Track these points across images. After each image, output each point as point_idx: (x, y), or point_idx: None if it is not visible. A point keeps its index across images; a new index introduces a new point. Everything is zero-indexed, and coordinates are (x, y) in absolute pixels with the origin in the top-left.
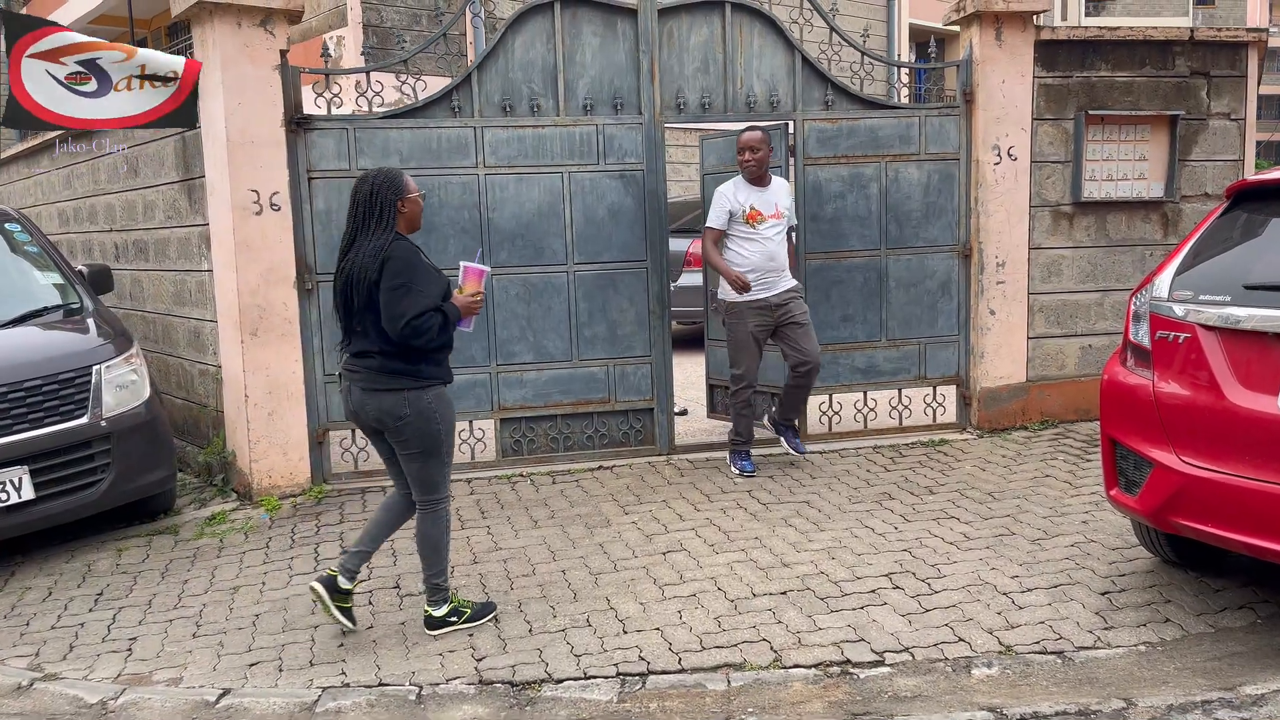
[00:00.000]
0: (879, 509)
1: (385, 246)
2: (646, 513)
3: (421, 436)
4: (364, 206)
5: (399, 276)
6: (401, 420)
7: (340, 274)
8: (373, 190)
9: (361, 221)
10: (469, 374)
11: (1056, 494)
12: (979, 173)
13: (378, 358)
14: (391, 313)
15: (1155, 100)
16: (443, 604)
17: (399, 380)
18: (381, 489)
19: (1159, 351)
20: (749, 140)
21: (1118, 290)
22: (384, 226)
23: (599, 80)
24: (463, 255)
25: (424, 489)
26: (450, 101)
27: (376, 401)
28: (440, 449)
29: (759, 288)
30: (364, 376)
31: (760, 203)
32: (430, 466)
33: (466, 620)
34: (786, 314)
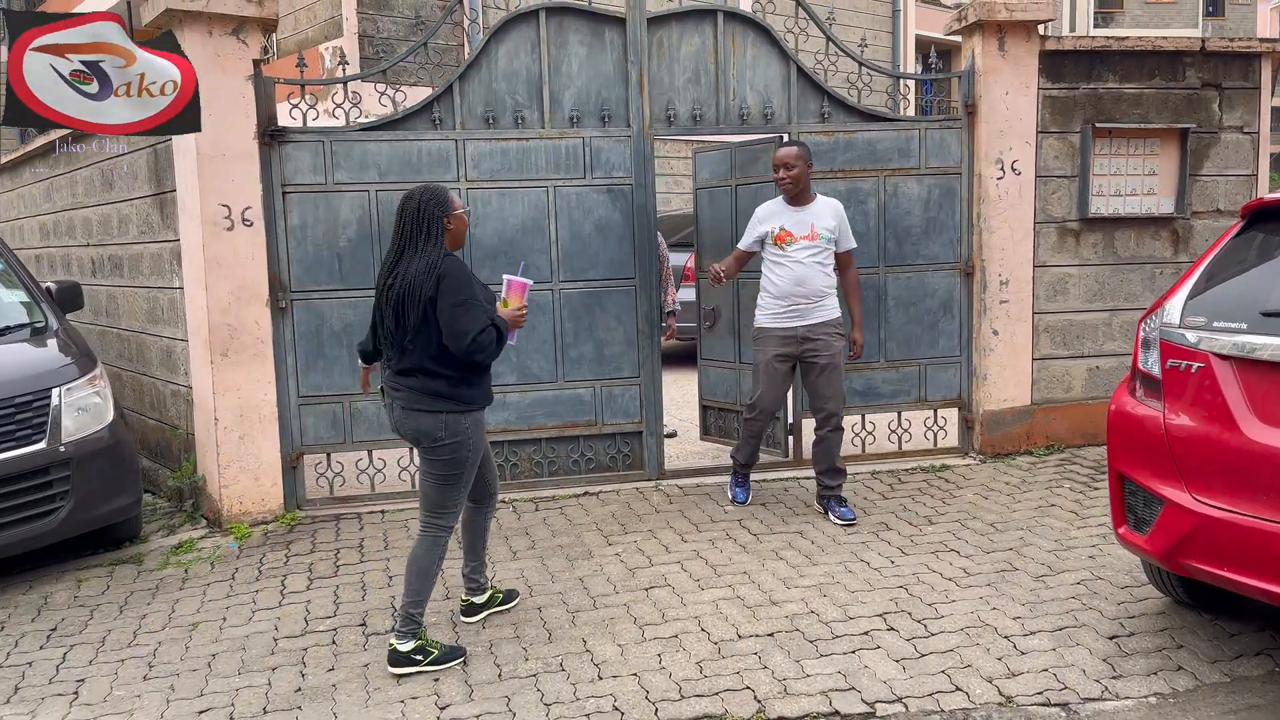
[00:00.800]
0: (875, 540)
1: (438, 263)
2: (631, 543)
3: (450, 462)
4: (411, 223)
5: (460, 292)
6: (436, 443)
7: (386, 290)
8: (420, 207)
9: (409, 238)
10: None
11: (1062, 525)
12: (981, 187)
13: (420, 377)
14: (454, 329)
15: (1165, 113)
16: (410, 639)
17: (439, 403)
18: (357, 515)
19: (1170, 381)
20: (782, 157)
21: (1126, 310)
22: (433, 243)
23: (586, 91)
24: None
25: (432, 510)
26: (431, 113)
27: (414, 422)
28: (462, 477)
29: (786, 315)
30: (405, 396)
31: (793, 223)
32: (445, 491)
33: (432, 662)
34: (811, 351)
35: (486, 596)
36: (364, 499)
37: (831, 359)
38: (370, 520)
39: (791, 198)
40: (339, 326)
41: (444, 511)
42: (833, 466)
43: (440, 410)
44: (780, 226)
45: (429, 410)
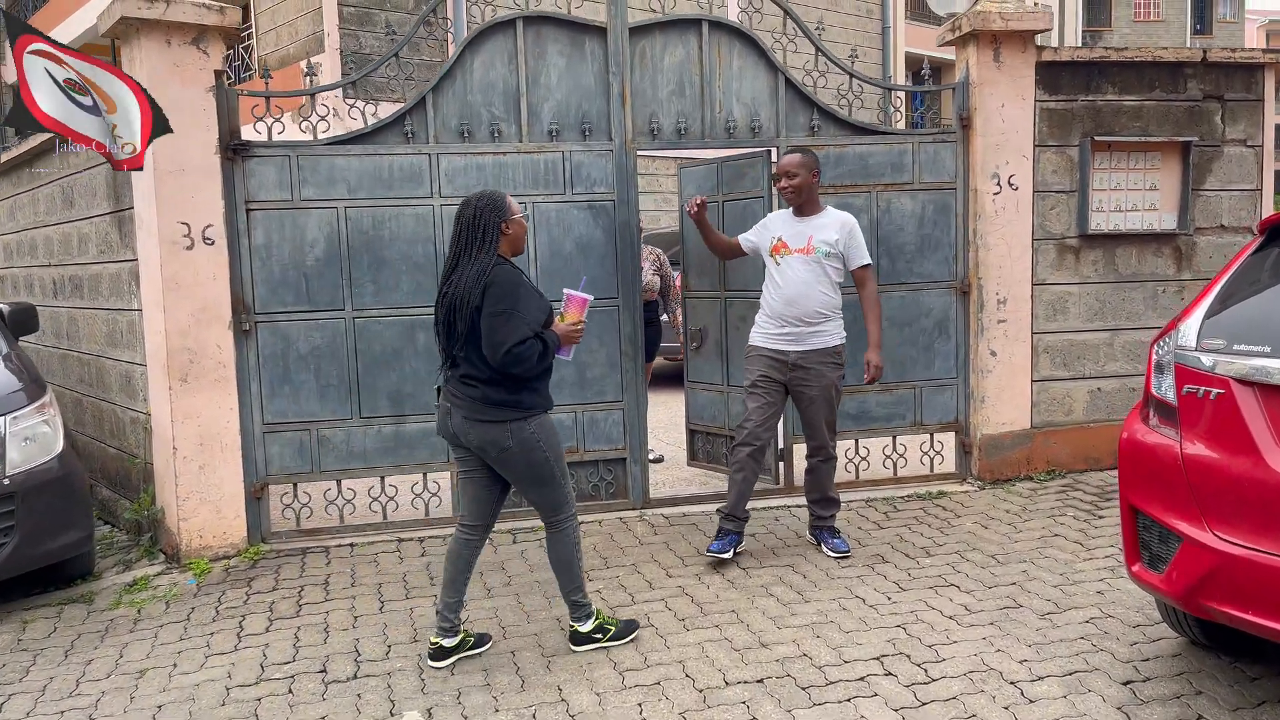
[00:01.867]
0: (871, 574)
1: (487, 271)
2: (613, 579)
3: (529, 466)
4: (467, 230)
5: (501, 302)
6: (505, 452)
7: (442, 299)
8: (476, 213)
9: (464, 245)
10: (422, 422)
11: (1067, 557)
12: (977, 203)
13: (480, 386)
14: (492, 339)
15: (1166, 126)
16: (587, 619)
17: (501, 411)
18: (325, 549)
19: (1186, 408)
20: (785, 165)
21: (1128, 329)
22: (486, 250)
23: (565, 104)
24: (415, 292)
25: (547, 510)
26: (403, 126)
27: (480, 432)
28: (553, 474)
29: (778, 337)
30: (466, 405)
31: (791, 234)
32: (547, 490)
33: (612, 638)
34: (800, 380)
35: (457, 640)
36: (332, 531)
37: (822, 391)
38: (338, 554)
39: (795, 208)
40: (306, 350)
41: (557, 507)
42: (825, 496)
43: (504, 419)
44: (778, 237)
45: (492, 420)
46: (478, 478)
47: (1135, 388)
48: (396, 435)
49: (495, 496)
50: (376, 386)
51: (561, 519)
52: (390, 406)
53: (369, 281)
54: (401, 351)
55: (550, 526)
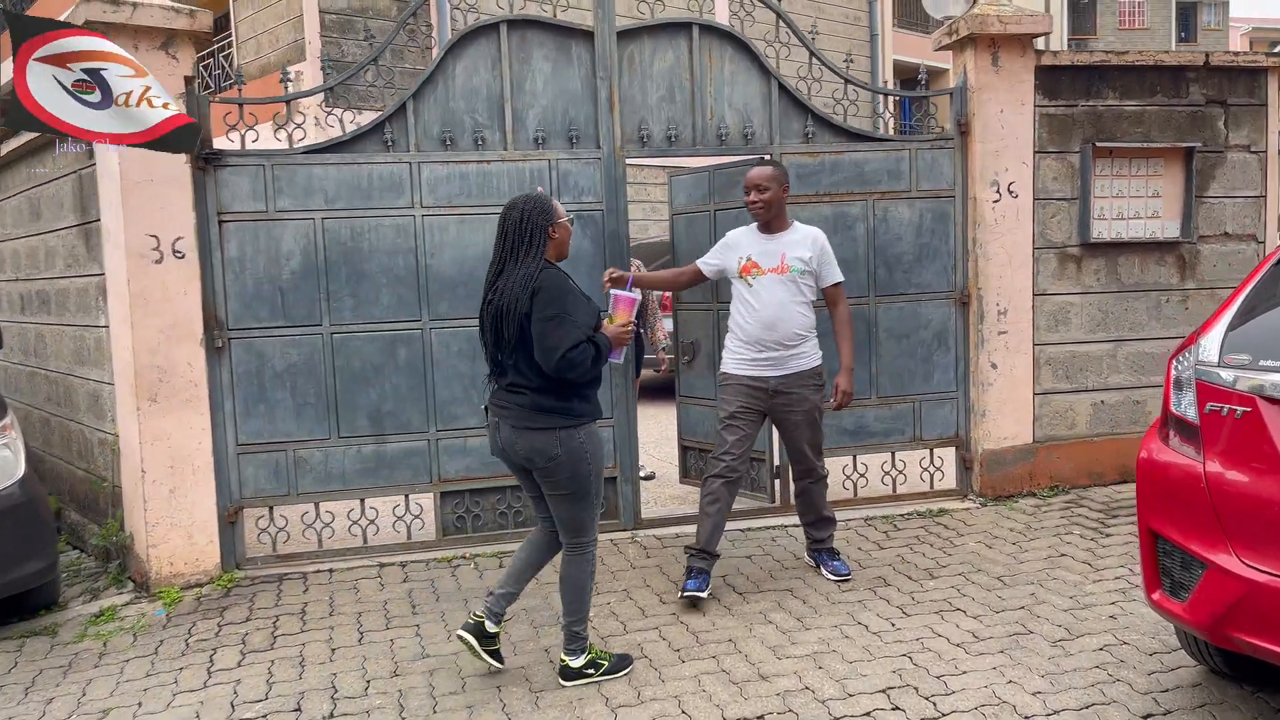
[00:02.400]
0: (873, 599)
1: (535, 275)
2: (604, 606)
3: (573, 478)
4: (514, 234)
5: (551, 307)
6: (553, 460)
7: (488, 305)
8: (523, 216)
9: (511, 249)
10: (403, 441)
11: (1076, 579)
12: (976, 211)
13: (529, 394)
14: (545, 345)
15: (1168, 131)
16: (580, 654)
17: (551, 418)
18: (302, 575)
19: (1209, 427)
20: (754, 178)
21: (1131, 340)
22: (533, 254)
23: (551, 110)
24: (396, 306)
25: (572, 531)
26: (383, 134)
27: (528, 440)
28: (589, 491)
29: (757, 363)
30: (514, 414)
31: (761, 253)
32: (579, 508)
33: (604, 673)
34: (784, 405)
35: (498, 630)
36: (310, 556)
37: (806, 415)
38: (316, 581)
39: (763, 224)
40: (281, 367)
41: (583, 528)
42: (821, 516)
43: (554, 426)
44: (747, 256)
45: (541, 427)
46: (534, 492)
47: (1139, 400)
48: (377, 455)
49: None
50: (356, 405)
51: (585, 541)
52: (370, 425)
53: (347, 295)
54: (382, 368)
55: (571, 548)
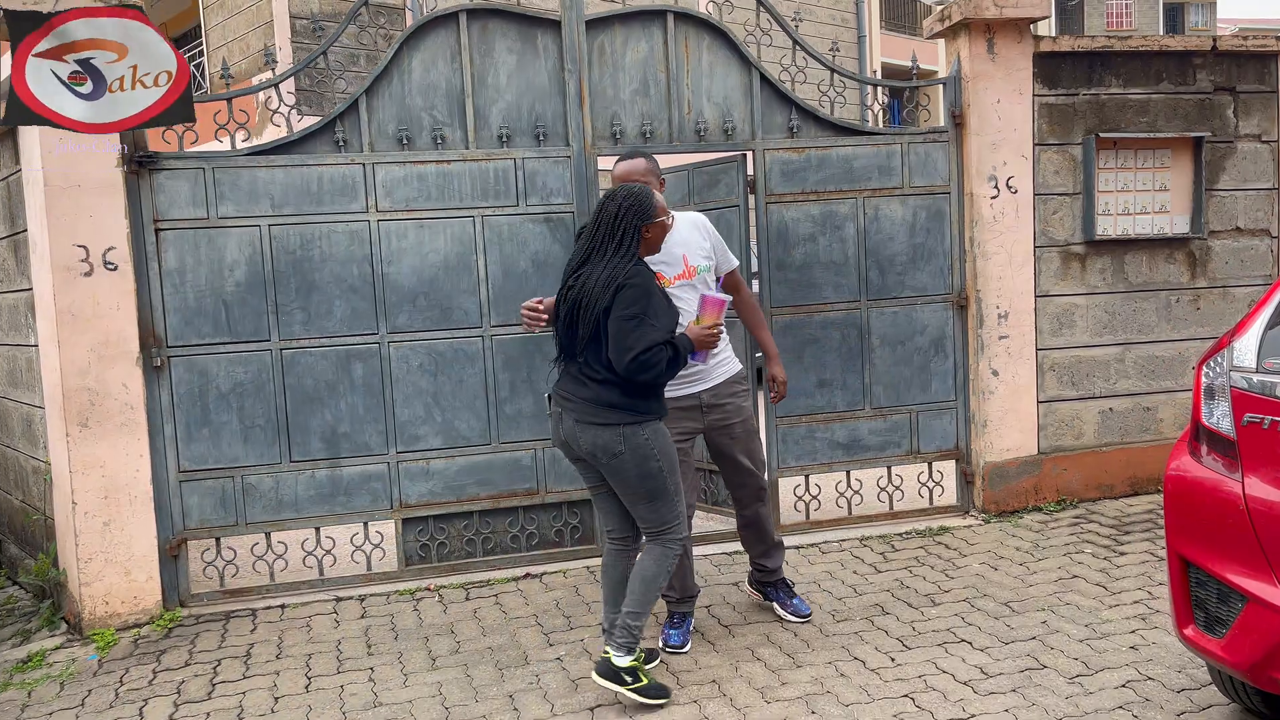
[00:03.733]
0: (870, 630)
1: (621, 273)
2: (577, 644)
3: (641, 476)
4: (606, 227)
5: (632, 306)
6: (617, 457)
7: (566, 294)
8: (620, 211)
9: (600, 242)
10: (361, 464)
11: (1091, 604)
12: (974, 208)
13: (593, 386)
14: (620, 344)
15: (1175, 120)
16: (627, 653)
17: (614, 414)
18: (251, 612)
19: (1249, 441)
20: (627, 172)
21: (1140, 343)
22: (623, 252)
23: (517, 105)
24: (350, 319)
25: (654, 527)
26: (334, 133)
27: (591, 436)
28: (665, 487)
29: (680, 380)
30: (577, 407)
31: (661, 260)
32: (657, 506)
33: (638, 690)
34: (720, 419)
35: (638, 664)
36: (261, 591)
37: (745, 424)
38: (266, 618)
39: None
40: (227, 386)
41: (671, 524)
42: (773, 544)
43: (617, 422)
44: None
45: (604, 423)
46: (604, 490)
47: (1150, 407)
48: (332, 481)
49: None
50: (309, 426)
51: (671, 536)
52: (325, 448)
53: (298, 308)
54: (336, 386)
55: (655, 539)
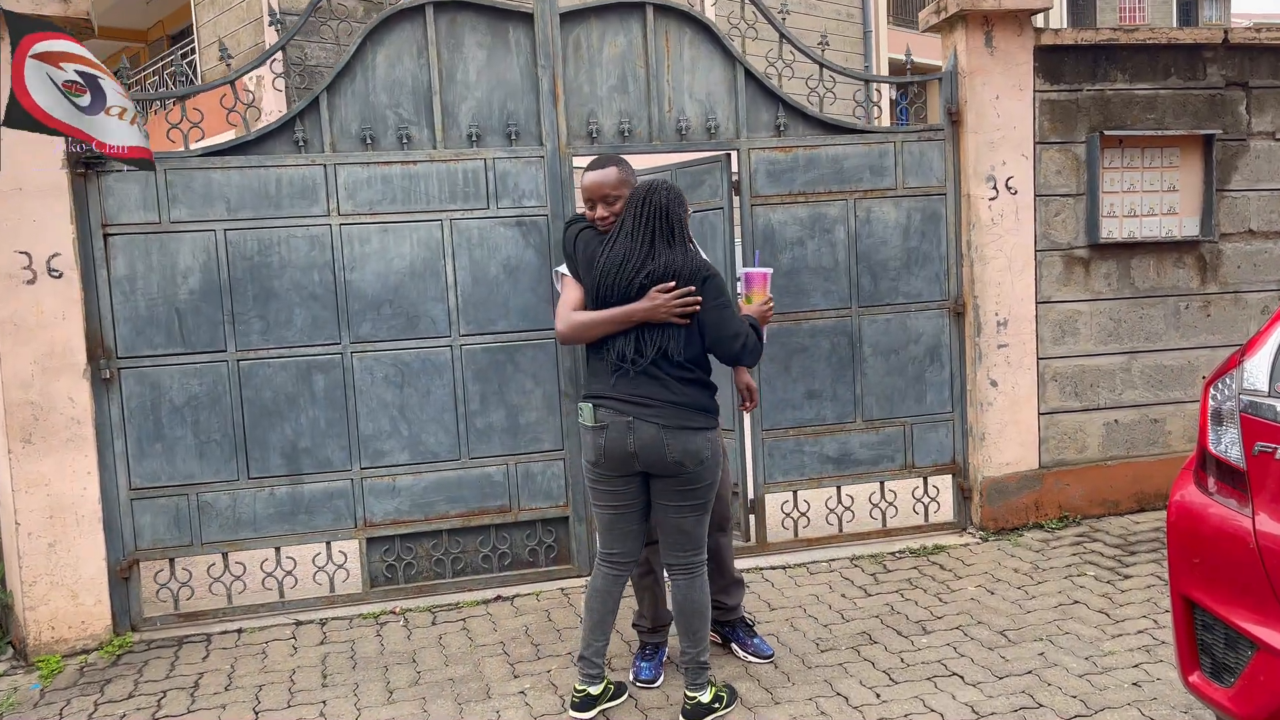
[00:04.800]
0: (856, 661)
1: (701, 263)
2: (543, 676)
3: (710, 485)
4: (658, 219)
5: (724, 294)
6: (702, 465)
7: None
8: (668, 203)
9: (658, 232)
10: (323, 481)
11: (1093, 633)
12: (971, 210)
13: (683, 389)
14: (725, 332)
15: (1184, 117)
16: (708, 686)
17: (704, 418)
18: (206, 637)
19: (1259, 472)
20: (598, 185)
21: (1146, 352)
22: (686, 243)
23: (487, 103)
24: (311, 328)
25: (692, 545)
26: (293, 133)
27: (682, 442)
28: (713, 500)
29: None
30: (664, 411)
31: None
32: (703, 519)
33: (725, 706)
34: None
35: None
36: (218, 614)
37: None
38: (221, 644)
39: None
40: (181, 400)
41: (701, 543)
42: (733, 579)
43: (707, 427)
44: None
45: (696, 428)
46: (637, 509)
47: (1157, 419)
48: (293, 498)
49: (646, 526)
50: (267, 441)
51: (702, 560)
52: (285, 464)
53: (255, 317)
54: (296, 399)
55: (687, 569)
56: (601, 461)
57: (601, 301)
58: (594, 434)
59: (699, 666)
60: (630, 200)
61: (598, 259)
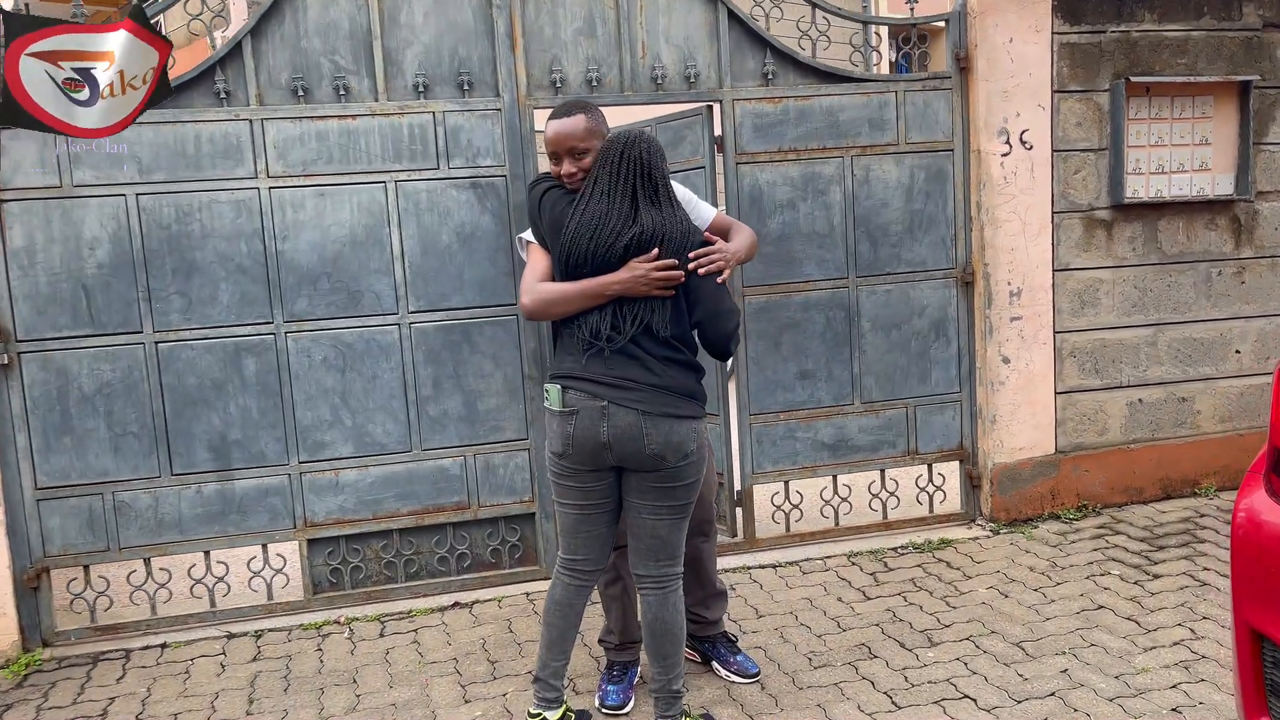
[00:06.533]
0: (853, 680)
1: (689, 225)
2: (497, 700)
3: (694, 484)
4: (642, 176)
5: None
6: (686, 459)
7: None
8: (649, 155)
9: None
10: (257, 477)
11: (1122, 644)
12: (981, 168)
13: (670, 371)
14: (721, 307)
15: (1219, 62)
16: (685, 716)
17: (693, 405)
18: (125, 652)
19: None
20: (565, 135)
21: (1175, 324)
22: (672, 202)
23: (436, 49)
24: (239, 306)
25: (667, 555)
26: (213, 83)
27: (665, 432)
28: (695, 501)
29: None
30: (647, 396)
31: None
32: (682, 524)
33: None
34: None
35: (559, 713)
36: (141, 626)
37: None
38: (140, 662)
39: None
40: (92, 388)
41: (678, 552)
42: (713, 591)
43: (695, 415)
44: None
45: (683, 415)
46: (607, 509)
47: (1186, 397)
48: (223, 496)
49: (616, 529)
50: (192, 433)
51: (677, 572)
52: (213, 459)
53: (175, 294)
54: (224, 385)
55: (661, 583)
56: (569, 452)
57: (572, 271)
58: (561, 420)
59: (671, 696)
60: (604, 154)
61: (567, 222)
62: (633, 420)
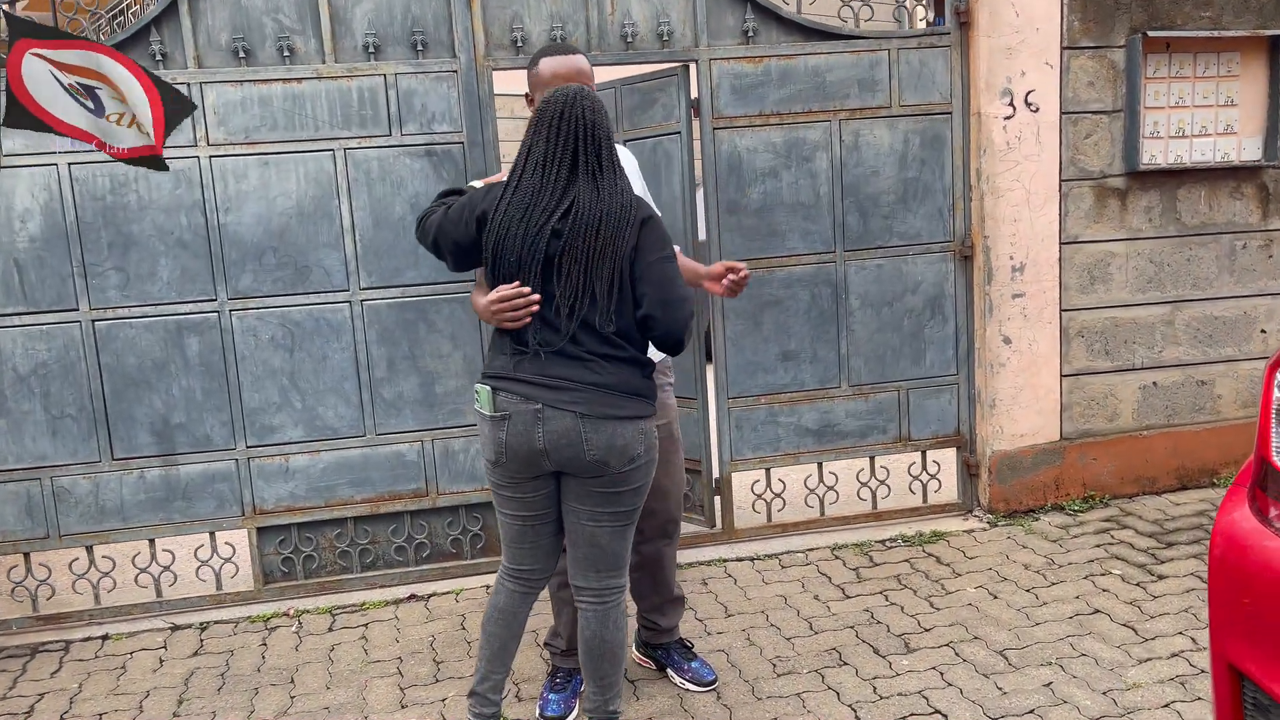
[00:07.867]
0: (818, 689)
1: (632, 200)
2: (435, 706)
3: (640, 490)
4: (584, 139)
5: (667, 244)
6: (633, 464)
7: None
8: (593, 114)
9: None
10: (202, 462)
11: (1114, 656)
12: (982, 132)
13: (612, 368)
14: (673, 294)
15: (1246, 14)
16: None
17: (639, 405)
18: (65, 644)
19: None
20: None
21: (1194, 301)
22: (615, 170)
23: (387, 7)
24: (180, 282)
25: (608, 565)
26: (148, 44)
27: (607, 436)
28: (641, 506)
29: None
30: (587, 397)
31: None
32: (626, 532)
33: None
34: None
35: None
36: (85, 616)
37: (666, 425)
38: (78, 655)
39: None
40: (27, 368)
41: (623, 567)
42: (670, 597)
43: (643, 415)
44: None
45: (627, 416)
46: (552, 518)
47: (1205, 380)
48: (167, 482)
49: (560, 537)
50: (134, 416)
51: (621, 585)
52: (155, 443)
53: (112, 269)
54: (166, 366)
55: (601, 597)
56: (503, 461)
57: (498, 266)
58: (493, 426)
59: (607, 717)
60: (540, 115)
61: (495, 208)
62: (570, 424)
